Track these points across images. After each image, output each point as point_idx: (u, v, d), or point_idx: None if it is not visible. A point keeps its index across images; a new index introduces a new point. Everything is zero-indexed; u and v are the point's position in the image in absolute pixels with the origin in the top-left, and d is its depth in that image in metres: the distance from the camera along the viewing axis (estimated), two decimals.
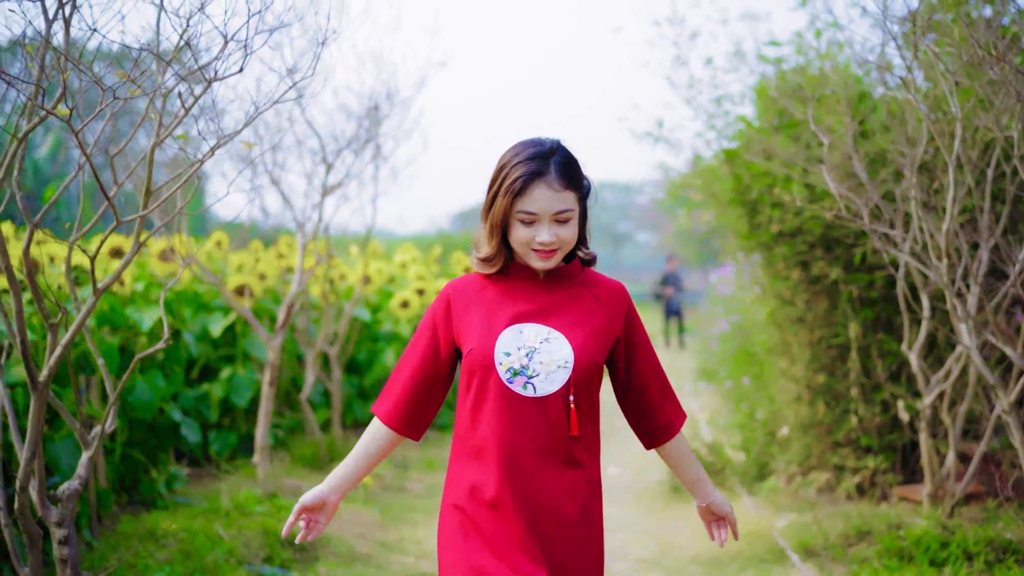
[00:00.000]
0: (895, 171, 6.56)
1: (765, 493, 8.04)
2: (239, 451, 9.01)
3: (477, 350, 3.00)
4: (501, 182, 2.99)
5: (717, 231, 9.62)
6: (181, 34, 3.85)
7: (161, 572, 5.65)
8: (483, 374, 3.00)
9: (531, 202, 2.95)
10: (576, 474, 3.04)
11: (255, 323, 7.70)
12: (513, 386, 2.97)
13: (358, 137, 8.34)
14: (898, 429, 7.68)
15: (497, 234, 3.04)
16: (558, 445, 3.00)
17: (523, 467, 2.98)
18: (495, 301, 3.08)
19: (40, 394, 3.95)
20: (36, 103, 3.57)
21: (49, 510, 4.16)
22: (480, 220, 3.11)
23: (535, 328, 3.02)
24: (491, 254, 3.06)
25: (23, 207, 3.84)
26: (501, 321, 3.03)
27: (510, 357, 2.98)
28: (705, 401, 13.71)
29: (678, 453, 3.28)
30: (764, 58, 8.09)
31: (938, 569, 5.89)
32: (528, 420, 2.97)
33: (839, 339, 7.85)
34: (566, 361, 2.98)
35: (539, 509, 2.99)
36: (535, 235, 2.97)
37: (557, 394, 2.98)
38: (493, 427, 2.98)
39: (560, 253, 3.03)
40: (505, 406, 2.97)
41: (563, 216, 2.98)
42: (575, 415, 2.99)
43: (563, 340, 3.00)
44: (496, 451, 2.98)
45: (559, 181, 2.97)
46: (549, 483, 3.00)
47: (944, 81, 5.31)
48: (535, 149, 2.99)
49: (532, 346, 2.99)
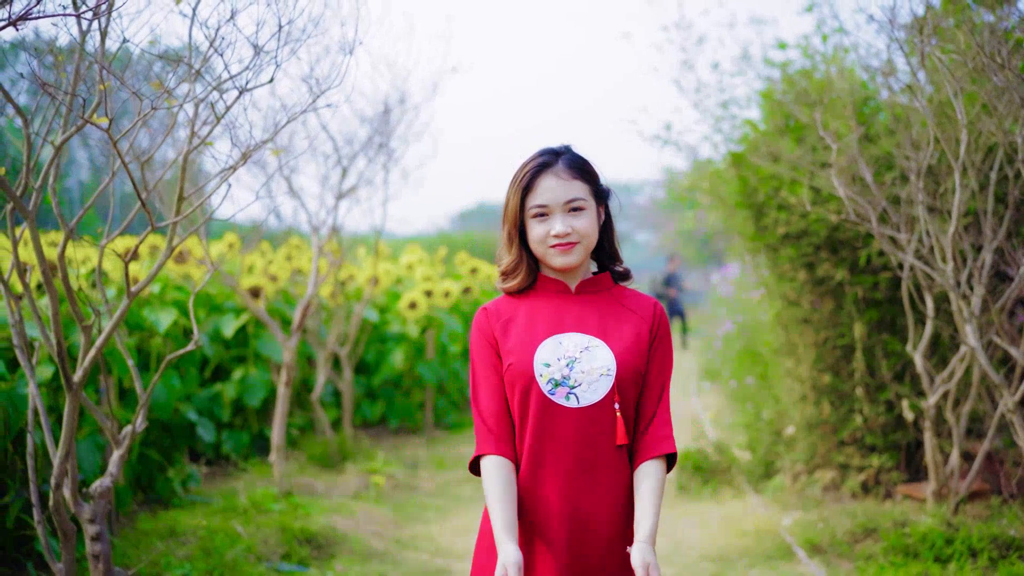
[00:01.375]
0: (901, 175, 6.66)
1: (771, 491, 8.15)
2: (251, 450, 9.12)
3: (516, 364, 2.93)
4: (511, 187, 2.98)
5: (720, 232, 9.72)
6: (211, 43, 3.97)
7: (182, 569, 5.77)
8: (524, 388, 2.92)
9: (540, 194, 2.93)
10: (621, 489, 2.94)
11: (272, 324, 7.82)
12: (555, 398, 2.88)
13: (372, 142, 8.45)
14: (902, 428, 7.78)
15: (515, 239, 3.01)
16: (605, 457, 2.91)
17: (567, 484, 2.89)
18: (530, 315, 3.02)
19: (74, 395, 4.07)
20: (74, 112, 3.68)
21: (82, 507, 4.28)
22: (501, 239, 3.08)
23: (575, 337, 2.95)
24: (513, 262, 3.03)
25: (58, 213, 3.96)
26: (540, 333, 2.96)
27: (550, 368, 2.90)
28: (708, 401, 13.82)
29: (636, 481, 2.95)
30: (770, 62, 8.19)
31: (942, 565, 6.00)
32: (572, 432, 2.88)
33: (844, 339, 7.95)
34: (608, 369, 2.90)
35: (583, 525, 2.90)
36: (549, 228, 2.93)
37: (601, 403, 2.89)
38: (535, 444, 2.90)
39: (581, 248, 2.97)
40: (547, 420, 2.89)
41: (575, 204, 2.94)
42: (622, 423, 2.90)
43: (604, 347, 2.93)
44: (540, 470, 2.90)
45: (567, 171, 2.95)
46: (596, 501, 2.91)
47: (949, 87, 5.41)
48: (545, 150, 3.00)
49: (572, 356, 2.91)
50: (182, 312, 8.01)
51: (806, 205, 6.79)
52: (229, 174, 3.86)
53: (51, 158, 3.82)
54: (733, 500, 8.12)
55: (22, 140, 4.02)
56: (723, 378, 12.50)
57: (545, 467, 2.90)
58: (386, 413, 11.36)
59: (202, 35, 3.98)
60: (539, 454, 2.90)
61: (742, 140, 8.20)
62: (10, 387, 5.71)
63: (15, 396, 5.62)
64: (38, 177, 3.95)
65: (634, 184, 76.72)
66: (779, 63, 8.13)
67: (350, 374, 9.82)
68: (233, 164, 3.88)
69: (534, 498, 2.91)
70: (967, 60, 5.36)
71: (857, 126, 6.45)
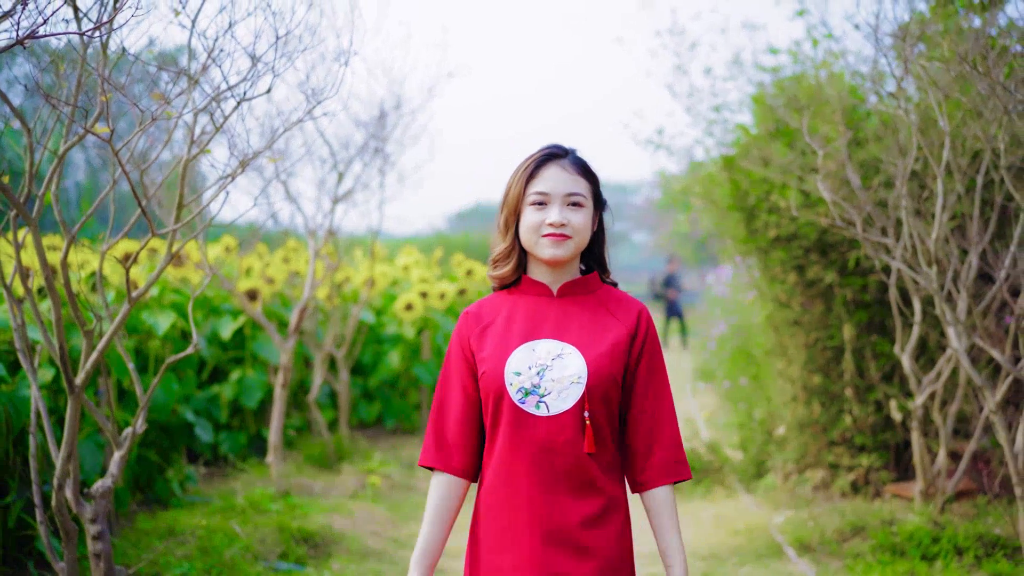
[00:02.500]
0: (887, 179, 6.76)
1: (762, 490, 8.26)
2: (248, 451, 9.21)
3: (489, 372, 2.91)
4: (515, 175, 2.98)
5: (713, 234, 9.82)
6: (208, 53, 4.07)
7: (181, 568, 5.86)
8: (496, 396, 2.90)
9: (543, 181, 2.91)
10: (598, 499, 2.89)
11: (269, 327, 7.92)
12: (525, 406, 2.86)
13: (368, 146, 8.56)
14: (891, 428, 7.89)
15: (512, 227, 2.97)
16: (577, 466, 2.86)
17: (540, 494, 2.86)
18: (508, 320, 2.99)
19: (76, 398, 4.17)
20: (75, 121, 3.78)
21: (83, 507, 4.38)
22: (495, 228, 3.05)
23: (549, 344, 2.92)
24: (507, 249, 2.99)
25: (61, 220, 4.06)
26: (514, 340, 2.94)
27: (520, 377, 2.87)
28: (703, 401, 13.92)
29: (654, 510, 2.97)
30: (762, 67, 8.29)
31: (929, 563, 6.11)
32: (543, 441, 2.85)
33: (834, 341, 8.06)
34: (579, 377, 2.86)
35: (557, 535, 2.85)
36: (545, 217, 2.90)
37: (571, 411, 2.85)
38: (507, 453, 2.88)
39: (572, 244, 2.93)
40: (518, 428, 2.87)
41: (575, 199, 2.92)
42: (591, 432, 2.84)
43: (577, 354, 2.89)
44: (512, 479, 2.88)
45: (573, 167, 2.95)
46: (570, 510, 2.86)
47: (932, 96, 5.51)
48: (553, 144, 3.01)
49: (544, 363, 2.88)
50: (180, 314, 8.09)
51: (793, 210, 6.89)
52: (228, 182, 3.96)
53: (53, 166, 3.92)
54: (725, 499, 8.23)
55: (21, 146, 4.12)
56: (717, 379, 12.59)
57: (517, 475, 2.87)
58: (382, 414, 11.46)
59: (200, 45, 4.08)
60: (511, 462, 2.88)
61: (734, 144, 8.30)
62: (11, 389, 5.80)
63: (16, 398, 5.70)
64: (40, 183, 4.05)
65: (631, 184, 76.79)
66: (770, 68, 8.23)
67: (347, 375, 9.91)
68: (232, 172, 3.98)
69: (505, 505, 2.90)
70: (951, 68, 5.46)
71: (846, 131, 6.55)
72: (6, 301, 4.32)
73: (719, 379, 12.25)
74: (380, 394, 11.54)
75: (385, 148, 8.80)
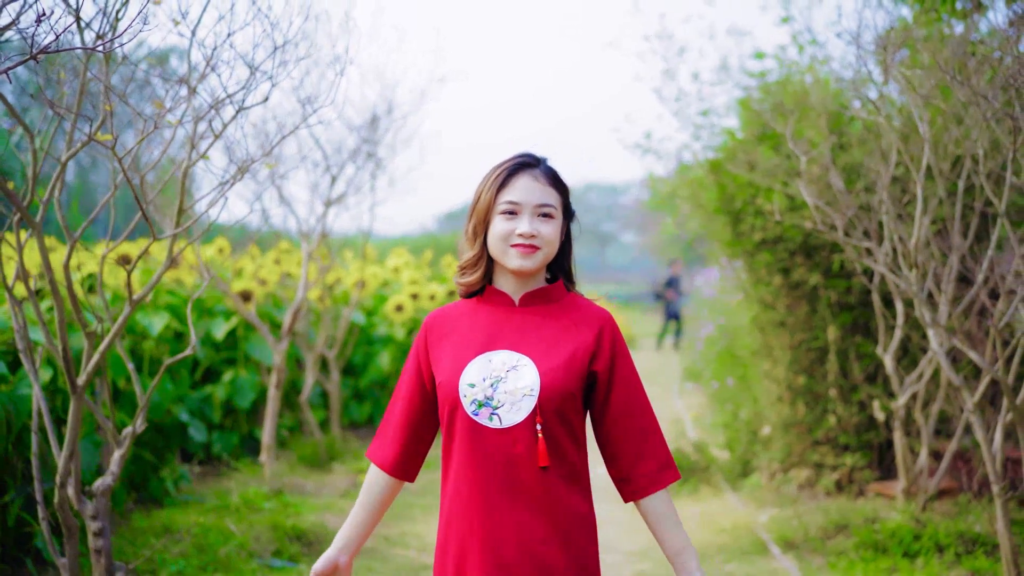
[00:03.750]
0: (871, 183, 6.86)
1: (748, 489, 8.38)
2: (241, 451, 9.31)
3: (444, 383, 2.89)
4: (485, 182, 2.93)
5: (700, 236, 9.92)
6: (207, 61, 4.18)
7: (177, 565, 5.97)
8: (451, 408, 2.87)
9: (514, 191, 2.87)
10: (557, 514, 2.84)
11: (263, 328, 8.02)
12: (479, 418, 2.82)
13: (360, 150, 8.66)
14: (874, 428, 8.02)
15: (481, 235, 2.93)
16: (531, 479, 2.81)
17: (496, 508, 2.82)
18: (468, 329, 2.96)
19: (79, 398, 4.28)
20: (78, 129, 3.89)
21: (84, 505, 4.49)
22: (463, 235, 3.02)
23: (505, 356, 2.88)
24: (475, 257, 2.95)
25: (64, 224, 4.16)
26: (471, 350, 2.91)
27: (474, 388, 2.84)
28: (691, 401, 14.04)
29: (656, 516, 2.93)
30: (749, 72, 8.39)
31: (911, 560, 6.24)
32: (496, 454, 2.81)
33: (818, 342, 8.18)
34: (532, 389, 2.81)
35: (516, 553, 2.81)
36: (516, 227, 2.86)
37: (524, 424, 2.80)
38: (462, 465, 2.85)
39: (541, 255, 2.89)
40: (473, 440, 2.83)
41: (546, 211, 2.88)
42: (543, 445, 2.79)
43: (531, 366, 2.84)
44: (466, 490, 2.85)
45: (544, 177, 2.91)
46: (525, 525, 2.82)
47: (913, 105, 5.61)
48: (524, 153, 2.97)
49: (498, 375, 2.84)
50: (174, 315, 8.19)
51: (777, 215, 6.99)
52: (227, 188, 4.07)
53: (56, 173, 4.03)
54: (711, 498, 8.34)
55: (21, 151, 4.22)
56: (705, 379, 12.70)
57: (471, 487, 2.84)
58: (373, 414, 11.56)
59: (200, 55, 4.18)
60: (465, 474, 2.84)
61: (721, 148, 8.39)
62: (10, 389, 5.89)
63: (16, 397, 5.79)
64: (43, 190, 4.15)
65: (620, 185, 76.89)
66: (757, 72, 8.34)
67: (338, 376, 10.01)
68: (232, 178, 4.08)
69: (461, 518, 2.86)
70: (931, 76, 5.57)
71: (830, 135, 6.66)
72: (8, 302, 4.42)
73: (706, 379, 12.36)
74: (371, 394, 11.64)
75: (377, 152, 8.91)
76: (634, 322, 31.79)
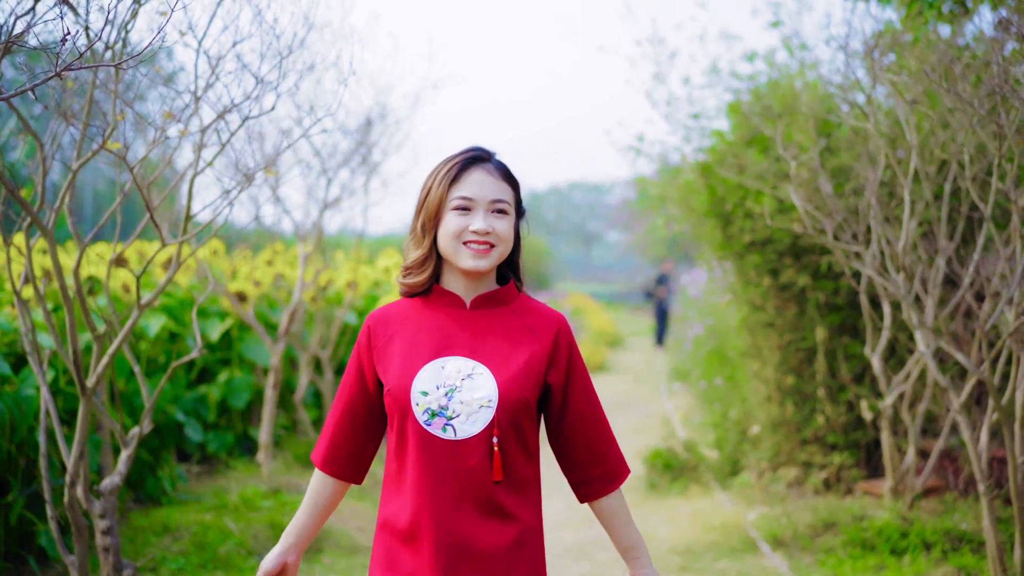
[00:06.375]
0: (859, 186, 6.96)
1: (737, 488, 8.49)
2: (236, 450, 9.39)
3: (394, 391, 2.75)
4: (435, 176, 2.80)
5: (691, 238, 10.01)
6: (213, 69, 4.28)
7: (177, 563, 6.07)
8: (401, 417, 2.74)
9: (467, 186, 2.74)
10: (509, 528, 2.75)
11: (260, 329, 8.11)
12: (431, 429, 2.70)
13: (356, 153, 8.75)
14: (862, 427, 8.13)
15: (430, 232, 2.79)
16: (483, 494, 2.71)
17: (446, 521, 2.70)
18: (418, 332, 2.82)
19: (88, 400, 4.37)
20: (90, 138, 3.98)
21: (93, 504, 4.58)
22: (409, 232, 2.88)
23: (459, 362, 2.75)
24: (422, 257, 2.81)
25: (75, 232, 4.26)
26: (422, 355, 2.77)
27: (427, 397, 2.71)
28: (679, 401, 14.16)
29: (610, 514, 2.91)
30: (739, 75, 8.49)
31: (898, 557, 6.35)
32: (449, 466, 2.70)
33: (806, 343, 8.29)
34: (489, 400, 2.70)
35: (462, 562, 2.71)
36: (469, 223, 2.73)
37: (480, 436, 2.70)
38: (413, 475, 2.72)
39: (495, 253, 2.77)
40: (424, 451, 2.70)
41: (500, 207, 2.77)
42: (499, 459, 2.70)
43: (488, 375, 2.73)
44: (416, 502, 2.72)
45: (498, 171, 2.79)
46: (477, 539, 2.71)
47: (900, 110, 5.72)
48: (475, 147, 2.84)
49: (453, 384, 2.72)
50: (170, 316, 8.27)
51: (767, 219, 7.09)
52: (233, 197, 4.16)
53: (67, 181, 4.12)
54: (701, 497, 8.45)
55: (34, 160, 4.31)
56: (693, 379, 12.79)
57: (424, 501, 2.71)
58: None
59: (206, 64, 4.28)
60: (418, 487, 2.71)
61: (711, 150, 8.47)
62: (15, 390, 5.97)
63: (20, 398, 5.87)
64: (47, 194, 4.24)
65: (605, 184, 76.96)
66: (747, 75, 8.43)
67: (331, 376, 10.09)
68: (239, 184, 4.18)
69: (413, 533, 2.74)
70: (918, 82, 5.67)
71: (819, 139, 6.76)
72: (17, 306, 4.51)
73: (695, 379, 12.46)
74: None
75: (371, 156, 9.01)
76: (620, 321, 31.93)
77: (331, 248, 12.87)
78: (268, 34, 4.27)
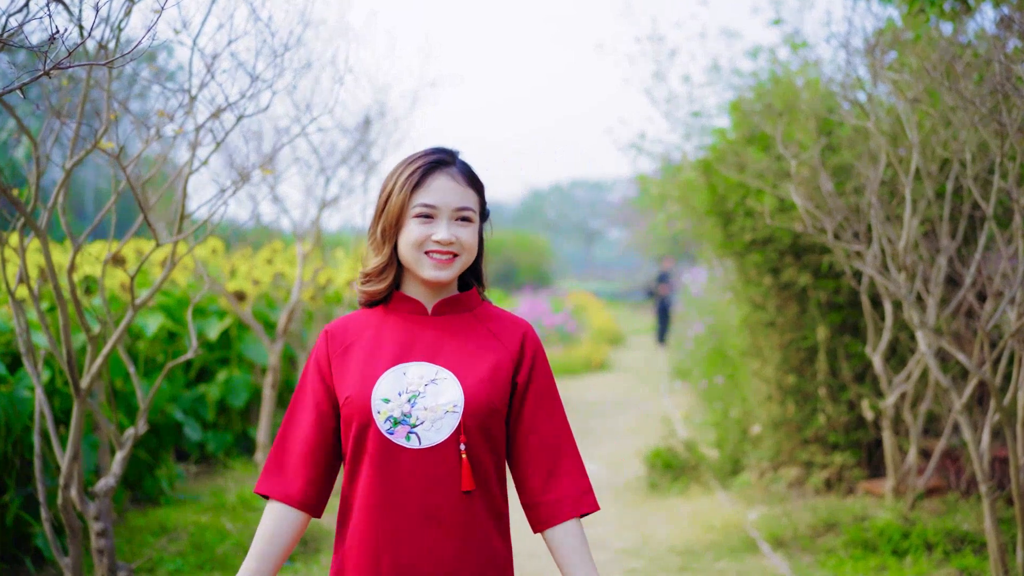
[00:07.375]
0: (860, 185, 6.92)
1: (738, 487, 8.46)
2: (235, 450, 9.37)
3: (354, 398, 2.59)
4: (396, 179, 2.64)
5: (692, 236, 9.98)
6: (208, 67, 4.24)
7: (174, 563, 6.04)
8: (361, 425, 2.57)
9: (431, 193, 2.60)
10: (477, 540, 2.59)
11: (258, 328, 8.08)
12: (394, 438, 2.54)
13: (355, 151, 8.72)
14: (863, 427, 8.10)
15: (391, 239, 2.64)
16: (451, 504, 2.55)
17: (408, 537, 2.55)
18: (376, 339, 2.67)
19: (82, 400, 4.34)
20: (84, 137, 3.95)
21: (87, 505, 4.55)
22: (368, 237, 2.74)
23: (421, 368, 2.61)
24: (382, 264, 2.66)
25: (68, 233, 4.22)
26: (382, 362, 2.62)
27: (389, 404, 2.56)
28: (680, 400, 14.12)
29: (565, 549, 2.63)
30: (740, 73, 8.45)
31: (900, 558, 6.32)
32: (413, 481, 2.54)
33: (807, 342, 8.26)
34: (455, 405, 2.56)
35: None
36: (432, 232, 2.59)
37: (446, 443, 2.55)
38: (371, 488, 2.56)
39: (459, 263, 2.64)
40: (387, 461, 2.54)
41: (464, 214, 2.62)
42: (468, 467, 2.55)
43: (453, 380, 2.59)
44: (374, 526, 2.56)
45: (463, 176, 2.65)
46: (442, 554, 2.56)
47: (902, 108, 5.68)
48: (438, 148, 2.69)
49: (416, 390, 2.57)
50: (168, 315, 8.25)
51: (767, 218, 7.06)
52: (229, 195, 4.13)
53: (61, 181, 4.08)
54: (701, 496, 8.43)
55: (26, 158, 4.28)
56: (694, 378, 12.78)
57: (384, 514, 2.55)
58: None
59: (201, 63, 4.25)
60: (377, 499, 2.56)
61: (711, 148, 8.43)
62: (9, 390, 5.95)
63: (15, 399, 5.85)
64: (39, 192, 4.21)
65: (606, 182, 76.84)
66: (748, 72, 8.40)
67: None
68: (235, 183, 4.15)
69: (371, 548, 2.57)
70: (920, 80, 5.64)
71: (820, 138, 6.72)
72: (11, 306, 4.48)
73: (695, 378, 12.44)
74: None
75: (370, 154, 8.98)
76: (622, 319, 31.90)
77: (331, 246, 12.83)
78: (263, 31, 4.23)
